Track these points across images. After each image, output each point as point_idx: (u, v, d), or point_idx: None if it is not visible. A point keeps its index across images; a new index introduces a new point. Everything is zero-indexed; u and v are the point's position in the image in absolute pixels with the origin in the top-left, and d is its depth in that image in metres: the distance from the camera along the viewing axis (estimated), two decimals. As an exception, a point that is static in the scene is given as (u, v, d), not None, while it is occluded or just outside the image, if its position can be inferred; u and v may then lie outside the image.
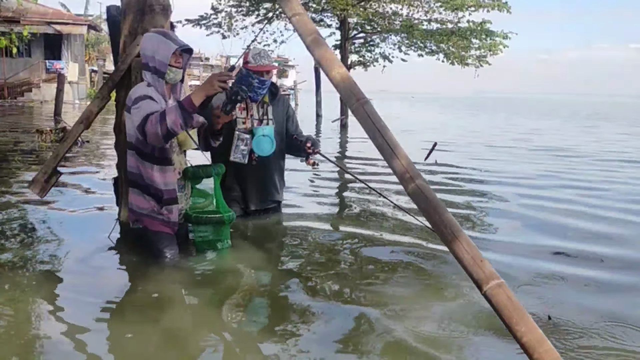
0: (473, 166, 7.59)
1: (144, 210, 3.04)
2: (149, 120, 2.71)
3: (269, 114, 3.78)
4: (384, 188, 5.65)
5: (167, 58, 2.88)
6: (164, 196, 3.00)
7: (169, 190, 3.01)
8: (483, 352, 2.21)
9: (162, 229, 3.06)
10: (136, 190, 3.05)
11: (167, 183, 3.00)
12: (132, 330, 2.35)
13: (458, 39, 13.07)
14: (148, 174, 2.98)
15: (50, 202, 4.44)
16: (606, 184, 6.37)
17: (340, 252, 3.48)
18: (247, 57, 3.68)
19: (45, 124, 11.69)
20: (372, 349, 2.19)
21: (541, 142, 11.76)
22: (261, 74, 3.62)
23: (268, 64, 3.67)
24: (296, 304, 2.66)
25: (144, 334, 2.32)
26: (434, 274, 3.09)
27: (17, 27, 21.30)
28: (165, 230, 3.06)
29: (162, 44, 2.89)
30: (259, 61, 3.64)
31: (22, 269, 2.98)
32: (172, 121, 2.67)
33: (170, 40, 2.91)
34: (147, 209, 3.03)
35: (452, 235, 1.89)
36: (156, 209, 3.02)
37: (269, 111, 3.78)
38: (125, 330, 2.36)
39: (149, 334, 2.32)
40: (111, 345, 2.22)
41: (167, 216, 3.04)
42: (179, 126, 2.69)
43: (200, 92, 2.71)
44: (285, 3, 2.37)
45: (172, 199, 3.02)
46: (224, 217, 3.08)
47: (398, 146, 2.06)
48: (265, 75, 3.65)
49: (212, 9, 14.43)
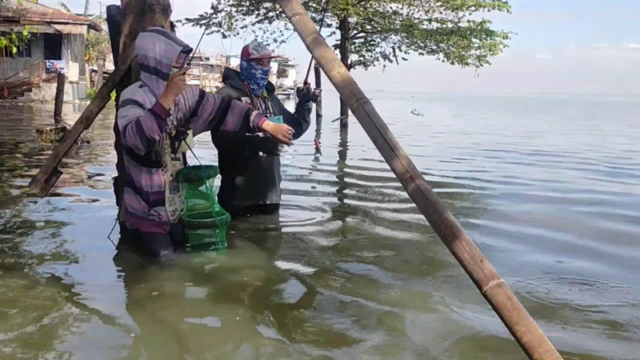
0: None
1: (137, 212, 3.07)
2: (127, 129, 2.74)
3: (270, 108, 3.92)
4: (383, 188, 5.67)
5: (172, 61, 2.90)
6: (150, 198, 3.03)
7: (155, 192, 3.03)
8: (483, 352, 2.20)
9: (154, 229, 3.08)
10: (130, 191, 3.08)
11: (154, 185, 3.02)
12: (132, 330, 2.36)
13: (458, 39, 13.05)
14: (137, 175, 3.01)
15: (50, 202, 4.44)
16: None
17: (340, 251, 3.48)
18: (247, 50, 3.81)
19: (46, 124, 11.69)
20: (372, 349, 2.19)
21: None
22: (263, 64, 3.79)
23: (267, 52, 3.85)
24: (295, 303, 2.66)
25: (143, 334, 2.32)
26: (436, 274, 3.08)
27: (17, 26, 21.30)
28: (157, 231, 3.08)
29: (166, 45, 2.89)
30: (261, 51, 3.80)
31: (21, 268, 2.98)
32: (148, 128, 2.70)
33: (172, 41, 2.92)
34: (139, 210, 3.06)
35: (452, 235, 1.89)
36: (146, 210, 3.05)
37: (269, 105, 3.92)
38: (125, 330, 2.36)
39: (149, 334, 2.32)
40: (110, 344, 2.22)
41: (158, 216, 3.06)
42: (155, 133, 2.72)
43: (169, 96, 2.76)
44: (286, 3, 2.38)
45: (160, 200, 3.05)
46: (216, 220, 3.08)
47: (398, 146, 2.06)
48: (266, 65, 3.84)
49: (212, 9, 14.42)
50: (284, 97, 41.97)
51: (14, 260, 3.08)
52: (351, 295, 2.73)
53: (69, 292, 2.74)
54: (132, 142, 2.74)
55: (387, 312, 2.52)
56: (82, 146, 8.39)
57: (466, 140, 11.91)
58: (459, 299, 2.68)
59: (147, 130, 2.70)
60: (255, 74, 3.79)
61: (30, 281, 2.82)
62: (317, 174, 6.69)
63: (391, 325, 2.39)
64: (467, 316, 2.49)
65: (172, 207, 3.12)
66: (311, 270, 3.08)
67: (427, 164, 7.40)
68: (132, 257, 3.15)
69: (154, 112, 2.71)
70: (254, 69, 3.79)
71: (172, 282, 2.85)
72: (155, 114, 2.71)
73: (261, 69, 3.78)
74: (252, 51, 3.78)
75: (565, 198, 5.34)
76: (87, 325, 2.37)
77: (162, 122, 2.73)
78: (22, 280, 2.82)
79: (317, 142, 4.12)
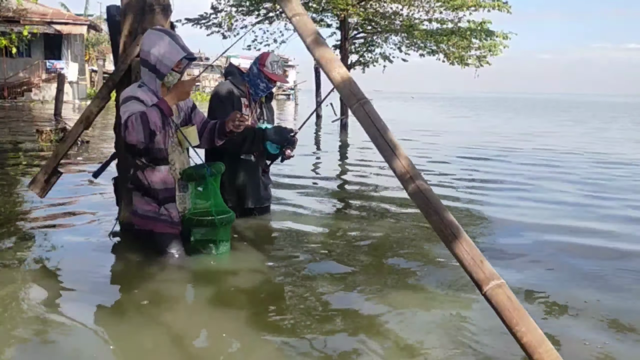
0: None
1: (148, 213, 3.06)
2: (130, 120, 2.78)
3: (265, 114, 3.91)
4: (383, 189, 5.67)
5: (172, 63, 2.92)
6: (160, 195, 3.03)
7: (164, 190, 3.03)
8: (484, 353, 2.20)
9: (167, 230, 3.08)
10: (138, 194, 3.08)
11: (162, 182, 3.03)
12: (132, 330, 2.35)
13: (458, 39, 13.06)
14: (144, 175, 3.01)
15: (50, 202, 4.44)
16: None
17: (339, 252, 3.48)
18: (265, 59, 3.75)
19: (46, 124, 11.69)
20: (372, 349, 2.19)
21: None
22: (271, 82, 3.76)
23: (280, 75, 3.79)
24: (295, 304, 2.65)
25: (143, 334, 2.31)
26: (436, 274, 3.08)
27: (17, 27, 21.31)
28: (171, 231, 3.08)
29: (171, 47, 2.92)
30: (275, 70, 3.75)
31: (21, 268, 2.98)
32: (152, 121, 2.78)
33: (178, 45, 2.94)
34: (150, 211, 3.05)
35: (452, 235, 1.89)
36: (157, 210, 3.04)
37: (264, 111, 3.92)
38: (124, 330, 2.35)
39: (149, 334, 2.31)
40: (110, 344, 2.22)
41: (169, 216, 3.05)
42: (157, 127, 2.81)
43: (175, 98, 2.90)
44: (286, 3, 2.38)
45: (170, 197, 3.05)
46: (216, 220, 3.06)
47: (398, 146, 2.06)
48: (273, 84, 3.80)
49: (212, 9, 14.41)
50: (284, 97, 41.99)
51: (12, 261, 3.07)
52: (351, 296, 2.73)
53: (67, 292, 2.74)
54: (134, 134, 2.77)
55: (388, 313, 2.52)
56: (81, 146, 8.38)
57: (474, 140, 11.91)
58: (459, 299, 2.68)
59: (150, 122, 2.78)
60: (259, 84, 3.76)
61: (27, 281, 2.82)
62: (317, 174, 6.69)
63: (392, 326, 2.39)
64: (467, 316, 2.49)
65: (182, 205, 3.12)
66: (311, 271, 3.08)
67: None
68: (132, 258, 3.15)
69: (158, 107, 2.81)
70: (261, 80, 3.75)
71: (172, 284, 2.84)
72: (159, 108, 2.81)
73: (266, 84, 3.75)
74: (268, 65, 3.72)
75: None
76: (86, 326, 2.37)
77: (165, 118, 2.83)
78: (20, 280, 2.82)
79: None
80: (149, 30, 3.05)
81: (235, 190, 3.81)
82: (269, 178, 4.12)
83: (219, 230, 3.11)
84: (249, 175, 3.82)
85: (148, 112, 2.79)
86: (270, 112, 4.02)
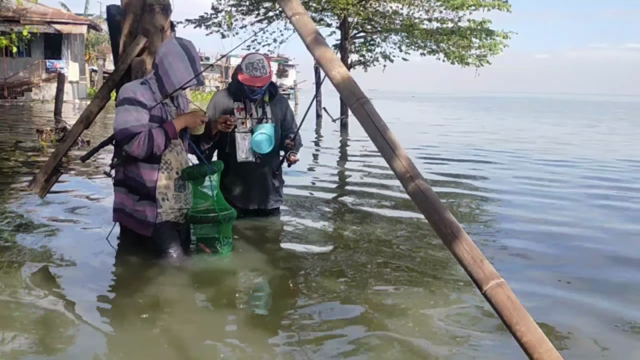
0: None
1: (124, 207, 3.10)
2: (138, 139, 2.87)
3: (268, 113, 3.78)
4: (383, 188, 5.67)
5: (179, 83, 2.93)
6: (142, 191, 3.03)
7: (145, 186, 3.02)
8: (484, 353, 2.20)
9: (136, 229, 3.07)
10: (121, 189, 3.11)
11: (142, 177, 3.02)
12: (131, 330, 2.35)
13: (458, 39, 13.05)
14: (131, 168, 3.02)
15: (50, 202, 4.44)
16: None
17: (340, 252, 3.48)
18: (242, 62, 3.60)
19: (46, 124, 11.68)
20: (372, 349, 2.19)
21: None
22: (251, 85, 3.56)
23: (260, 75, 3.55)
24: (296, 305, 2.66)
25: (142, 335, 2.31)
26: (436, 274, 3.08)
27: (17, 26, 21.27)
28: (140, 232, 3.07)
29: (184, 71, 2.92)
30: (250, 72, 3.55)
31: (20, 269, 2.98)
32: (157, 144, 2.90)
33: (191, 66, 2.94)
34: (127, 206, 3.08)
35: (452, 235, 1.89)
36: (133, 206, 3.05)
37: (267, 110, 3.78)
38: (124, 330, 2.35)
39: (148, 335, 2.32)
40: (110, 345, 2.23)
41: (144, 214, 3.03)
42: (160, 149, 2.94)
43: (182, 123, 3.03)
44: (285, 3, 2.37)
45: (149, 195, 3.03)
46: (219, 216, 3.06)
47: (398, 146, 2.06)
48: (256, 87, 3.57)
49: (213, 9, 14.40)
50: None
51: (10, 262, 3.07)
52: (351, 296, 2.73)
53: (67, 292, 2.74)
54: (137, 150, 2.88)
55: (388, 312, 2.52)
56: (81, 147, 8.38)
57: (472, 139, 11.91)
58: (459, 299, 2.68)
59: (155, 145, 2.89)
60: (244, 90, 3.63)
61: (27, 281, 2.82)
62: (317, 174, 6.69)
63: (392, 326, 2.39)
64: (467, 315, 2.49)
65: (178, 204, 3.11)
66: (312, 272, 3.08)
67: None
68: (131, 259, 3.15)
69: (165, 132, 2.92)
70: (242, 86, 3.61)
71: (172, 285, 2.84)
72: (166, 133, 2.92)
73: (248, 87, 3.57)
74: (242, 67, 3.56)
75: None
76: (85, 326, 2.37)
77: (168, 142, 2.95)
78: (19, 280, 2.82)
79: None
80: (176, 40, 3.02)
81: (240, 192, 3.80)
82: (282, 180, 4.01)
83: (222, 226, 3.11)
84: (250, 177, 3.79)
85: (155, 134, 2.89)
86: (280, 108, 3.84)
